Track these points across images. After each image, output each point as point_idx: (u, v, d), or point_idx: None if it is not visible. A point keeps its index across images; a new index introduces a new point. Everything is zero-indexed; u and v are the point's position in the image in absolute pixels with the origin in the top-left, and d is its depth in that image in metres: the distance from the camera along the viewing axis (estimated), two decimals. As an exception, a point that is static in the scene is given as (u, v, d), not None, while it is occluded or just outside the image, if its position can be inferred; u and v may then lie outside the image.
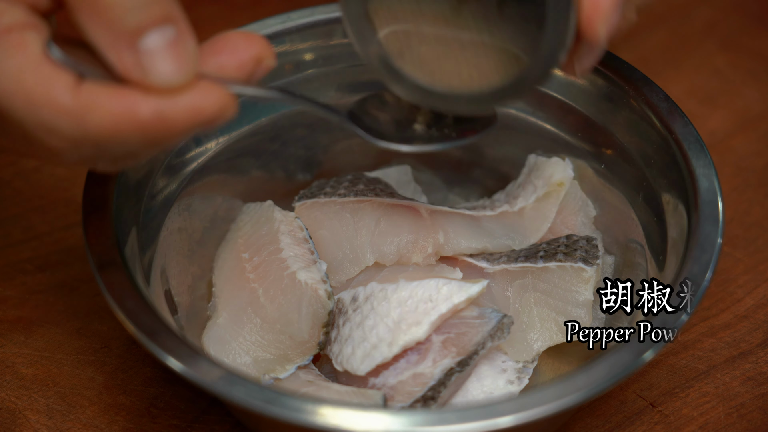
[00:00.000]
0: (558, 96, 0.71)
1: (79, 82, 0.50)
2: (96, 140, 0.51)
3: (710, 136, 0.83)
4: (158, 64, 0.50)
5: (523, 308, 0.67)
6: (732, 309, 0.72)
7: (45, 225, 0.76)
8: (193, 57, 0.51)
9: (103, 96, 0.50)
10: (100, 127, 0.50)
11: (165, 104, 0.50)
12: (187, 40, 0.50)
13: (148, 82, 0.50)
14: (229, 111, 0.52)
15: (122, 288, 0.57)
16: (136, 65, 0.50)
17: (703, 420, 0.66)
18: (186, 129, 0.51)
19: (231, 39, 0.54)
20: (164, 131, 0.51)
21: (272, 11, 0.72)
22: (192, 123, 0.51)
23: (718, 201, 0.61)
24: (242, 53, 0.53)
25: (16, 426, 0.65)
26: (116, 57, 0.50)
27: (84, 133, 0.50)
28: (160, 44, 0.49)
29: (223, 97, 0.51)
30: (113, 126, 0.50)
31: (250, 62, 0.53)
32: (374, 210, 0.68)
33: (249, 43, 0.54)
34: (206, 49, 0.53)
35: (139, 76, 0.50)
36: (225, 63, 0.53)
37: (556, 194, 0.70)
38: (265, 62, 0.54)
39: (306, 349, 0.65)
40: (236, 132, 0.71)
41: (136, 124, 0.50)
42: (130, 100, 0.50)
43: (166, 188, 0.67)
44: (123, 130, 0.50)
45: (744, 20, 0.93)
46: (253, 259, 0.67)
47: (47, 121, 0.50)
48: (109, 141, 0.51)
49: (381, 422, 0.53)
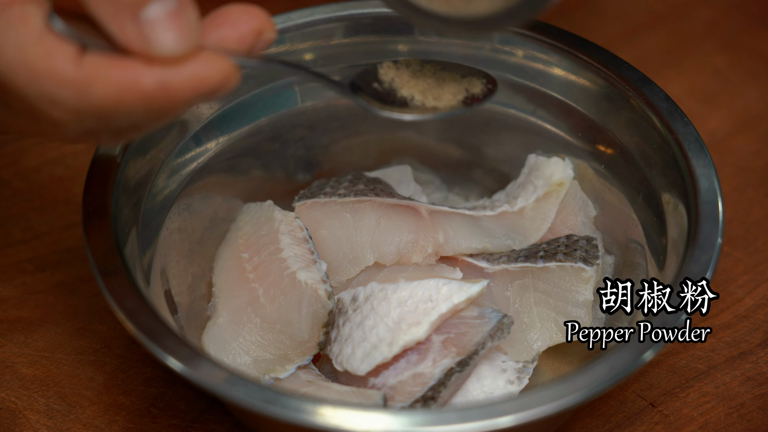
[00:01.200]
0: (558, 96, 0.71)
1: (82, 54, 0.50)
2: (99, 111, 0.51)
3: (710, 136, 0.83)
4: (160, 34, 0.50)
5: (523, 308, 0.67)
6: (732, 309, 0.72)
7: (45, 225, 0.76)
8: (194, 27, 0.51)
9: (106, 66, 0.50)
10: (103, 97, 0.50)
11: (168, 74, 0.50)
12: (188, 11, 0.51)
13: (150, 52, 0.50)
14: (232, 80, 0.52)
15: (122, 288, 0.57)
16: (138, 36, 0.50)
17: (703, 420, 0.66)
18: (190, 99, 0.51)
19: (232, 12, 0.54)
20: (168, 101, 0.51)
21: (272, 11, 0.71)
22: (195, 92, 0.51)
23: (718, 201, 0.61)
24: (243, 26, 0.54)
25: (16, 426, 0.65)
26: (118, 28, 0.50)
27: (87, 104, 0.50)
28: (162, 14, 0.50)
29: (225, 67, 0.51)
30: (117, 96, 0.50)
31: (251, 34, 0.54)
32: (374, 210, 0.68)
33: (250, 15, 0.54)
34: (208, 23, 0.54)
35: (142, 47, 0.50)
36: (226, 35, 0.53)
37: (556, 194, 0.70)
38: (266, 34, 0.54)
39: (306, 349, 0.65)
40: (236, 132, 0.71)
41: (139, 94, 0.50)
42: (133, 70, 0.50)
43: (166, 188, 0.67)
44: (126, 100, 0.50)
45: (744, 20, 0.93)
46: (253, 259, 0.67)
47: (50, 93, 0.50)
48: (112, 112, 0.51)
49: (381, 422, 0.53)
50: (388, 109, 0.59)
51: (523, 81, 0.72)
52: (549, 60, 0.70)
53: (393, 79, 0.61)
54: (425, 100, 0.60)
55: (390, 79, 0.61)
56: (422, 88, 0.61)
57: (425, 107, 0.60)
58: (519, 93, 0.72)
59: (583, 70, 0.69)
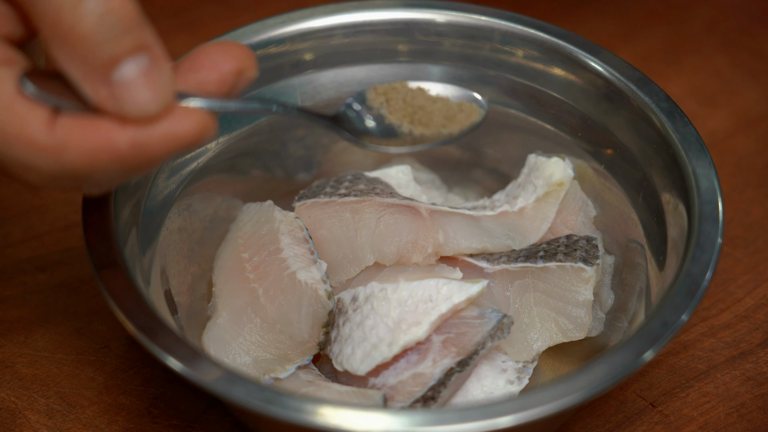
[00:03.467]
0: (558, 96, 0.71)
1: (54, 117, 0.50)
2: (74, 174, 0.50)
3: (710, 136, 0.83)
4: (133, 95, 0.49)
5: (523, 308, 0.67)
6: (732, 309, 0.72)
7: (45, 225, 0.76)
8: (168, 84, 0.50)
9: (78, 130, 0.49)
10: (77, 161, 0.50)
11: (142, 133, 0.49)
12: (161, 67, 0.50)
13: (123, 112, 0.49)
14: (207, 133, 0.51)
15: (122, 288, 0.57)
16: (110, 97, 0.49)
17: (703, 420, 0.66)
18: (164, 155, 0.50)
19: (210, 54, 0.53)
20: (142, 159, 0.50)
21: (272, 11, 0.72)
22: (170, 149, 0.50)
23: (718, 201, 0.61)
24: (222, 67, 0.52)
25: (16, 426, 0.65)
26: (90, 89, 0.49)
27: (61, 169, 0.50)
28: (135, 74, 0.49)
29: (200, 121, 0.50)
30: (90, 159, 0.50)
31: (230, 76, 0.52)
32: (374, 210, 0.68)
33: (229, 56, 0.53)
34: (185, 65, 0.52)
35: (114, 108, 0.49)
36: (205, 79, 0.52)
37: (556, 194, 0.70)
38: (246, 74, 0.53)
39: (306, 349, 0.65)
40: (236, 132, 0.71)
41: (113, 155, 0.50)
42: (105, 132, 0.49)
43: (166, 188, 0.67)
44: (100, 161, 0.50)
45: (744, 20, 0.93)
46: (253, 259, 0.67)
47: (23, 159, 0.50)
48: (87, 173, 0.50)
49: (381, 422, 0.53)
50: (375, 143, 0.59)
51: (523, 81, 0.72)
52: (549, 60, 0.70)
53: (382, 105, 0.61)
54: (413, 127, 0.60)
55: (379, 105, 0.61)
56: (410, 113, 0.61)
57: (413, 135, 0.60)
58: (519, 93, 0.72)
59: (583, 70, 0.69)
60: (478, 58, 0.72)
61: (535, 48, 0.71)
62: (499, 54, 0.72)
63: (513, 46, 0.71)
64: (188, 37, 0.90)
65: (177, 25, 0.52)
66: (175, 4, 0.92)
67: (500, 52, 0.72)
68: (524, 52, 0.71)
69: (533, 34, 0.70)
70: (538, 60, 0.71)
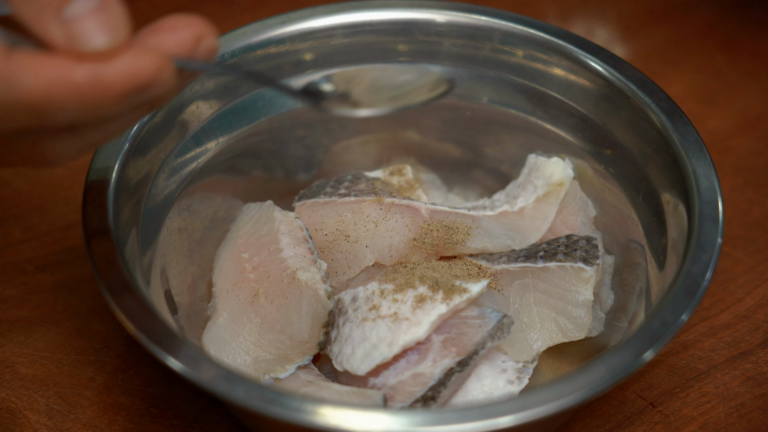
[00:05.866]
0: (558, 96, 0.71)
1: (10, 51, 0.50)
2: (30, 105, 0.50)
3: (710, 136, 0.83)
4: (85, 30, 0.50)
5: (523, 308, 0.67)
6: (732, 309, 0.72)
7: (45, 225, 0.76)
8: (120, 20, 0.51)
9: (35, 61, 0.50)
10: (33, 90, 0.50)
11: (100, 68, 0.50)
12: (112, 5, 0.51)
13: (77, 48, 0.50)
14: (165, 73, 0.52)
15: (122, 288, 0.57)
16: (62, 34, 0.50)
17: (703, 420, 0.66)
18: (124, 93, 0.51)
19: (170, 20, 0.54)
20: (102, 95, 0.51)
21: (272, 11, 0.72)
22: (129, 85, 0.51)
23: (718, 201, 0.61)
24: (181, 32, 0.54)
25: (16, 426, 0.65)
26: (42, 28, 0.50)
27: (17, 98, 0.50)
28: (85, 11, 0.50)
29: (157, 59, 0.51)
30: (47, 89, 0.50)
31: (189, 40, 0.54)
32: (374, 210, 0.69)
33: (188, 23, 0.54)
34: (145, 30, 0.54)
35: (68, 44, 0.50)
36: (164, 40, 0.53)
37: (556, 194, 0.70)
38: (206, 41, 0.54)
39: (306, 349, 0.65)
40: (236, 132, 0.71)
41: (71, 88, 0.50)
42: (63, 64, 0.50)
43: (166, 188, 0.67)
44: (58, 94, 0.50)
45: (744, 20, 0.93)
46: (253, 259, 0.67)
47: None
48: (44, 106, 0.50)
49: (381, 422, 0.53)
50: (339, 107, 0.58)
51: (523, 81, 0.72)
52: (549, 60, 0.70)
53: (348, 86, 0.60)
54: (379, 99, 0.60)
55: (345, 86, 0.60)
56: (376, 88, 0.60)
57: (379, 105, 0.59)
58: (519, 93, 0.72)
59: (583, 70, 0.69)
60: (478, 58, 0.72)
61: (535, 48, 0.71)
62: (499, 54, 0.72)
63: (513, 46, 0.71)
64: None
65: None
66: (175, 4, 0.92)
67: (500, 52, 0.72)
68: (524, 52, 0.71)
69: (533, 34, 0.70)
70: (538, 60, 0.71)
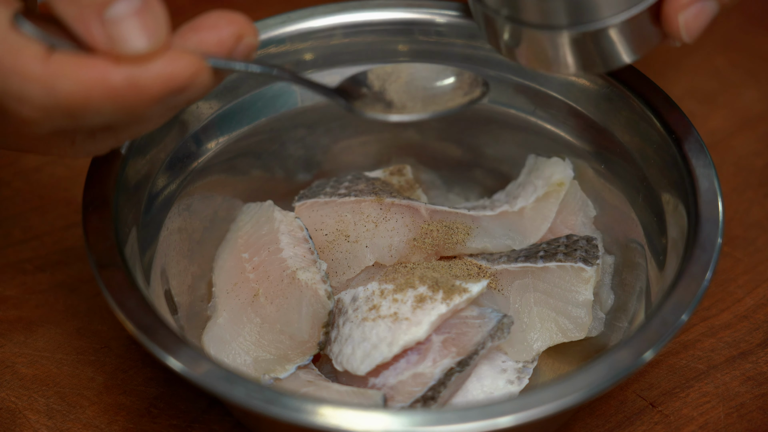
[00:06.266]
0: (558, 96, 0.71)
1: (49, 53, 0.50)
2: (68, 108, 0.51)
3: (710, 136, 0.83)
4: (125, 32, 0.50)
5: (523, 308, 0.67)
6: (732, 309, 0.72)
7: (45, 225, 0.76)
8: (161, 24, 0.51)
9: (73, 64, 0.50)
10: (71, 93, 0.50)
11: (136, 71, 0.50)
12: (153, 8, 0.51)
13: (116, 50, 0.50)
14: (201, 76, 0.52)
15: (122, 288, 0.57)
16: (103, 35, 0.50)
17: (703, 420, 0.66)
18: (160, 96, 0.51)
19: (211, 17, 0.54)
20: (137, 98, 0.51)
21: (272, 11, 0.72)
22: (165, 89, 0.51)
23: (718, 201, 0.61)
24: (222, 30, 0.54)
25: (16, 426, 0.65)
26: (83, 28, 0.50)
27: (55, 101, 0.50)
28: (127, 12, 0.50)
29: (194, 63, 0.51)
30: (84, 93, 0.50)
31: (230, 39, 0.54)
32: (374, 210, 0.68)
33: (229, 20, 0.54)
34: (187, 28, 0.54)
35: (108, 46, 0.50)
36: (204, 39, 0.53)
37: (556, 194, 0.70)
38: (247, 39, 0.54)
39: (306, 349, 0.65)
40: (236, 132, 0.71)
41: (108, 91, 0.50)
42: (101, 67, 0.50)
43: (166, 188, 0.67)
44: (95, 97, 0.50)
45: (744, 20, 0.93)
46: (253, 259, 0.67)
47: (17, 90, 0.50)
48: (81, 109, 0.51)
49: (381, 422, 0.53)
50: (374, 111, 0.59)
51: (523, 81, 0.72)
52: (549, 60, 0.70)
53: (383, 84, 0.61)
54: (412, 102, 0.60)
55: (380, 84, 0.61)
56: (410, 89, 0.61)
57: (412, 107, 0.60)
58: (519, 93, 0.72)
59: (583, 70, 0.69)
60: (478, 58, 0.72)
61: (535, 48, 0.70)
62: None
63: (513, 46, 0.71)
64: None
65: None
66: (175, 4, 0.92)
67: (500, 52, 0.72)
68: (524, 52, 0.71)
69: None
70: (538, 60, 0.71)
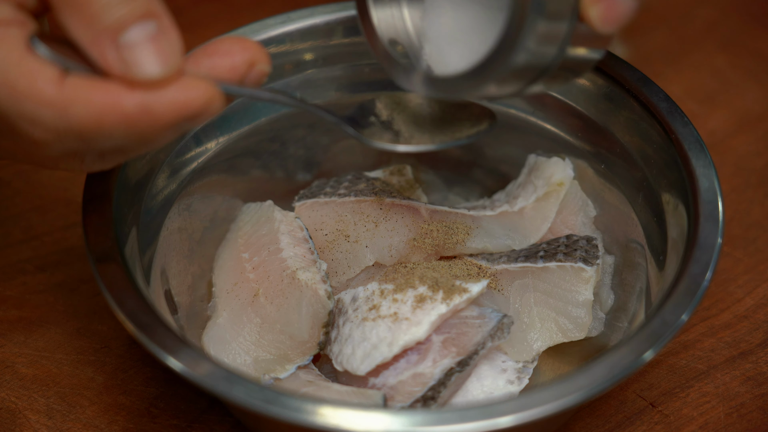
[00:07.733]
0: (558, 96, 0.71)
1: (64, 77, 0.51)
2: (80, 132, 0.51)
3: (710, 136, 0.83)
4: (140, 58, 0.50)
5: (523, 308, 0.67)
6: (732, 309, 0.72)
7: (45, 225, 0.76)
8: (176, 51, 0.51)
9: (86, 88, 0.50)
10: (83, 118, 0.50)
11: (150, 97, 0.50)
12: (169, 34, 0.51)
13: (131, 75, 0.50)
14: (214, 104, 0.52)
15: (122, 288, 0.57)
16: (118, 60, 0.50)
17: (703, 420, 0.66)
18: (172, 122, 0.51)
19: (224, 43, 0.54)
20: (150, 124, 0.51)
21: (272, 11, 0.72)
22: (178, 116, 0.51)
23: (718, 201, 0.61)
24: (235, 56, 0.54)
25: (16, 426, 0.65)
26: (98, 53, 0.50)
27: (67, 125, 0.51)
28: (142, 38, 0.50)
29: (208, 90, 0.51)
30: (97, 118, 0.50)
31: (242, 65, 0.54)
32: (374, 210, 0.69)
33: (242, 47, 0.54)
34: (200, 52, 0.54)
35: (122, 71, 0.50)
36: (217, 64, 0.54)
37: (556, 194, 0.70)
38: (259, 66, 0.55)
39: (306, 349, 0.65)
40: (236, 132, 0.71)
41: (120, 117, 0.50)
42: (114, 93, 0.50)
43: (166, 188, 0.67)
44: (107, 122, 0.51)
45: (744, 20, 0.93)
46: (253, 259, 0.67)
47: (30, 113, 0.51)
48: (93, 133, 0.51)
49: (381, 422, 0.53)
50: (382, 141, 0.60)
51: (523, 81, 0.71)
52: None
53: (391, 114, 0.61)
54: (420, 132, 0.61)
55: (388, 113, 0.61)
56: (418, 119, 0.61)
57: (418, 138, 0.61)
58: (519, 93, 0.72)
59: (583, 70, 0.69)
60: (478, 58, 0.72)
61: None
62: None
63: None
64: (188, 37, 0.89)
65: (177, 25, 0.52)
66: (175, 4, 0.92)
67: (500, 52, 0.71)
68: (524, 52, 0.71)
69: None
70: (538, 60, 0.71)
